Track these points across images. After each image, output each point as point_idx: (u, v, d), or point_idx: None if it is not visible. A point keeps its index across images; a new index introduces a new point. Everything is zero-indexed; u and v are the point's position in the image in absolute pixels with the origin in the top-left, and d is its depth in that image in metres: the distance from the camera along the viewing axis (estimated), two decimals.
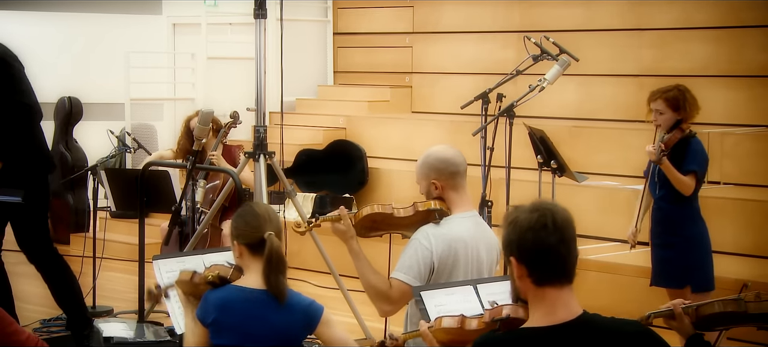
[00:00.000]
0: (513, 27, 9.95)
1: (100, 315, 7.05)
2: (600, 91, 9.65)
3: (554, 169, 6.56)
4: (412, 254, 4.23)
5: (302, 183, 9.91)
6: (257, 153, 6.40)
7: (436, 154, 4.36)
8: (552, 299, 2.91)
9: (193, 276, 3.97)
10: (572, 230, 2.92)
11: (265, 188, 6.32)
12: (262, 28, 6.42)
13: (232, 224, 3.97)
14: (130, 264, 6.86)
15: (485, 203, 6.30)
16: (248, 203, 4.08)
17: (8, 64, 5.84)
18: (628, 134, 8.82)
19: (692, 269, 5.84)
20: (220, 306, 3.84)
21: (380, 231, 4.46)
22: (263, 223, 3.87)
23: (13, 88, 5.79)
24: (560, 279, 2.91)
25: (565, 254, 2.90)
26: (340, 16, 11.66)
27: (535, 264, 2.90)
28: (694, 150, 5.83)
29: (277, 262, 3.83)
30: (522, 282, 2.94)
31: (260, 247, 3.85)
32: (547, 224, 2.87)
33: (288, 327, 3.86)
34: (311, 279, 8.20)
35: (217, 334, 3.84)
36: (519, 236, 2.90)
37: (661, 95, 5.87)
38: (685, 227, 5.87)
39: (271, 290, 3.82)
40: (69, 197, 9.81)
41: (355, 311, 6.64)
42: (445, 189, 4.33)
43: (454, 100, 8.23)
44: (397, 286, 4.21)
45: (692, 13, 9.15)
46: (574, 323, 2.90)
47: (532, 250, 2.89)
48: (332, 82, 11.66)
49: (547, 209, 2.90)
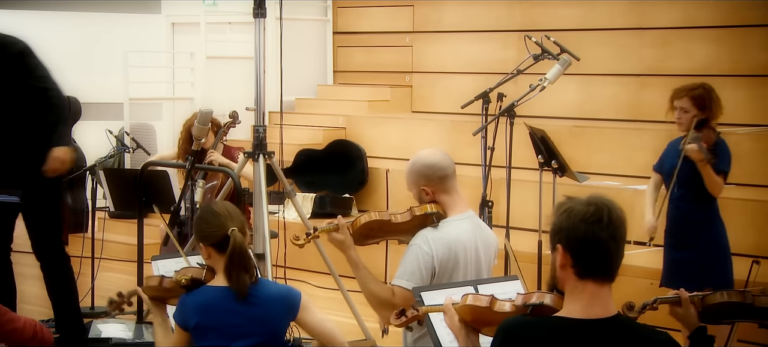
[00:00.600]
0: (514, 26, 9.94)
1: (99, 316, 7.01)
2: (601, 90, 9.63)
3: (555, 169, 6.54)
4: (413, 260, 4.21)
5: (302, 183, 9.91)
6: (256, 153, 6.38)
7: (422, 160, 4.35)
8: (591, 293, 2.91)
9: (162, 281, 3.98)
10: (624, 231, 2.93)
11: (264, 189, 6.31)
12: (262, 28, 6.40)
13: (194, 228, 3.98)
14: (129, 264, 6.86)
15: (486, 203, 6.28)
16: (206, 205, 4.10)
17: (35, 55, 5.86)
18: (630, 134, 8.80)
19: (712, 270, 5.75)
20: (200, 309, 3.84)
21: (377, 238, 4.44)
22: (225, 220, 3.88)
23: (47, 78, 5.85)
24: (603, 275, 2.91)
25: (613, 252, 2.90)
26: (339, 15, 11.64)
27: (582, 256, 2.90)
28: (723, 150, 5.79)
29: (239, 257, 3.82)
30: (564, 271, 2.94)
31: (226, 245, 3.84)
32: (602, 219, 2.88)
33: (270, 319, 3.87)
34: (311, 280, 8.21)
35: (200, 337, 3.84)
36: (570, 226, 2.90)
37: (687, 93, 5.81)
38: (705, 228, 5.82)
39: (232, 286, 3.82)
40: (67, 197, 9.71)
41: (355, 312, 6.63)
42: (436, 194, 4.32)
43: (454, 99, 8.22)
44: (401, 293, 4.17)
45: (694, 13, 9.14)
46: (608, 321, 2.90)
47: (582, 241, 2.89)
48: (332, 81, 11.65)
49: (604, 205, 2.91)
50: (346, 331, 6.82)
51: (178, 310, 3.88)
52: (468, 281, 4.08)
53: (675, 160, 5.79)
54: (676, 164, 5.77)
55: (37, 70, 5.86)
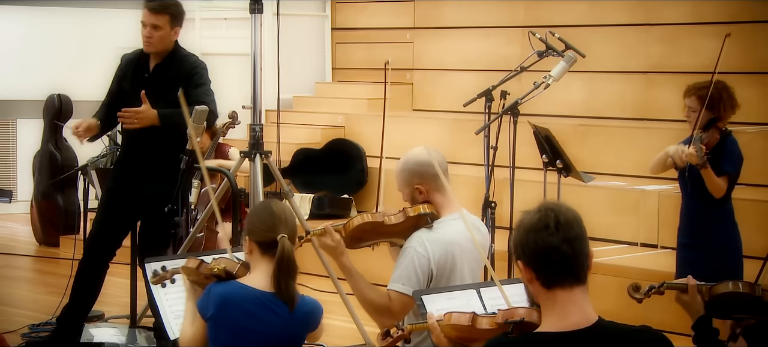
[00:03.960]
0: (517, 22, 9.93)
1: (91, 320, 6.95)
2: (607, 88, 9.61)
3: (560, 169, 6.54)
4: (409, 264, 4.18)
5: (299, 184, 9.86)
6: (253, 153, 6.37)
7: (415, 158, 4.33)
8: (563, 301, 2.90)
9: (200, 266, 3.94)
10: (578, 229, 2.91)
11: (260, 189, 6.28)
12: (258, 24, 6.42)
13: (247, 219, 3.98)
14: (122, 267, 6.80)
15: (488, 204, 6.25)
16: (266, 200, 4.08)
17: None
18: (636, 133, 8.79)
19: (722, 273, 5.57)
20: (221, 302, 3.81)
21: (370, 241, 4.40)
22: (278, 224, 3.86)
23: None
24: (569, 279, 2.89)
25: (569, 254, 2.88)
26: (338, 10, 11.62)
27: (540, 266, 2.90)
28: (730, 150, 5.75)
29: (287, 266, 3.81)
30: (532, 285, 2.94)
31: (271, 248, 3.83)
32: (549, 225, 2.88)
33: (290, 331, 3.87)
34: (309, 283, 8.12)
35: (215, 330, 3.82)
36: (522, 239, 2.92)
37: (695, 91, 5.79)
38: (716, 229, 5.79)
39: (281, 295, 3.82)
40: (58, 198, 9.74)
41: (353, 316, 6.60)
42: (430, 192, 4.30)
43: (456, 97, 8.20)
44: (398, 298, 4.15)
45: (702, 8, 9.13)
46: (588, 331, 2.88)
47: (535, 251, 2.89)
48: (330, 79, 11.62)
49: (549, 210, 2.91)
50: (344, 335, 6.77)
51: (203, 296, 3.87)
52: (470, 284, 4.02)
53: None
54: (688, 164, 5.74)
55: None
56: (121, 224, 6.23)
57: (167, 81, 5.97)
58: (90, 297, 6.30)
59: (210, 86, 6.09)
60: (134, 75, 6.19)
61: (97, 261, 6.24)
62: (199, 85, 5.99)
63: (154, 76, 6.13)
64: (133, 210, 6.16)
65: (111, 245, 6.25)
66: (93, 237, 6.29)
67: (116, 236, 6.26)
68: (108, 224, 6.22)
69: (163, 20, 6.05)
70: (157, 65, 6.14)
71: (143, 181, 6.09)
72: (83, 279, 6.24)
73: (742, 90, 8.64)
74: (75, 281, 6.26)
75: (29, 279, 6.11)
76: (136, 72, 6.19)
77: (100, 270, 6.26)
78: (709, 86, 5.74)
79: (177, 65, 6.11)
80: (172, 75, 6.01)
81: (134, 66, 6.22)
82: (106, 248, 6.24)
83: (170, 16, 6.07)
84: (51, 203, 9.70)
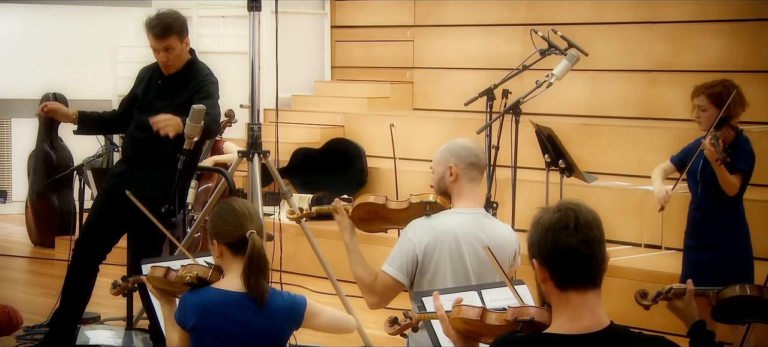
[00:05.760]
0: (519, 20, 9.92)
1: (87, 322, 6.94)
2: (610, 87, 9.59)
3: (562, 169, 6.54)
4: (398, 247, 4.31)
5: (298, 184, 9.84)
6: (251, 152, 6.36)
7: (460, 142, 4.44)
8: (576, 304, 2.88)
9: (167, 273, 3.90)
10: (597, 231, 2.89)
11: (259, 189, 6.26)
12: (257, 22, 6.43)
13: (210, 223, 3.91)
14: (118, 268, 6.76)
15: (490, 204, 6.26)
16: (227, 201, 4.00)
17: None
18: (640, 133, 8.77)
19: (732, 273, 5.62)
20: (200, 311, 3.79)
21: (375, 224, 4.55)
22: (244, 221, 3.84)
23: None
24: (584, 282, 2.88)
25: (587, 256, 2.86)
26: (337, 8, 11.60)
27: (557, 267, 2.88)
28: (743, 149, 5.73)
29: (258, 262, 3.79)
30: (545, 285, 2.93)
31: (242, 247, 3.81)
32: (569, 225, 2.86)
33: (271, 329, 3.86)
34: (308, 284, 8.14)
35: (198, 339, 3.81)
36: (540, 238, 2.89)
37: (704, 91, 5.76)
38: (727, 229, 5.76)
39: (251, 292, 3.80)
40: (54, 199, 9.73)
41: (353, 316, 6.47)
42: (459, 178, 4.34)
43: (457, 96, 8.20)
44: (382, 278, 4.30)
45: (706, 6, 9.12)
46: (599, 335, 2.86)
47: (553, 252, 2.87)
48: (330, 77, 11.60)
49: (569, 209, 2.88)
50: (344, 336, 6.69)
51: (179, 308, 3.85)
52: (472, 286, 4.05)
53: (698, 161, 5.76)
54: (699, 164, 5.74)
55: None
56: (113, 227, 6.16)
57: (176, 90, 6.04)
58: (80, 301, 6.23)
59: (216, 101, 6.10)
60: (148, 82, 6.24)
61: (87, 264, 6.17)
62: (204, 97, 5.99)
63: (166, 83, 6.16)
64: (128, 212, 6.07)
65: (101, 248, 6.19)
66: (82, 239, 6.22)
67: (107, 239, 6.19)
68: (99, 226, 6.15)
69: (172, 40, 6.07)
70: (171, 75, 6.17)
71: (141, 183, 6.02)
72: (72, 282, 6.18)
73: (747, 89, 8.58)
74: (65, 284, 6.20)
75: (24, 280, 6.07)
76: (150, 79, 6.24)
77: (89, 273, 6.20)
78: (718, 85, 5.73)
79: (190, 77, 6.13)
80: (182, 85, 6.07)
81: (150, 74, 6.28)
82: (96, 250, 6.17)
83: (177, 33, 6.08)
84: (46, 204, 9.71)
